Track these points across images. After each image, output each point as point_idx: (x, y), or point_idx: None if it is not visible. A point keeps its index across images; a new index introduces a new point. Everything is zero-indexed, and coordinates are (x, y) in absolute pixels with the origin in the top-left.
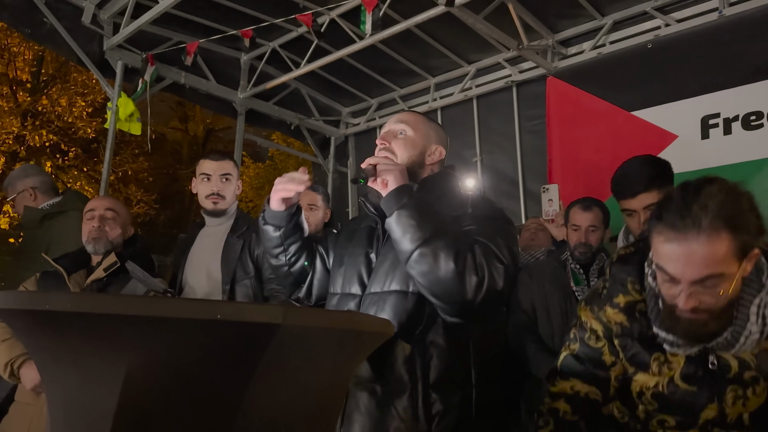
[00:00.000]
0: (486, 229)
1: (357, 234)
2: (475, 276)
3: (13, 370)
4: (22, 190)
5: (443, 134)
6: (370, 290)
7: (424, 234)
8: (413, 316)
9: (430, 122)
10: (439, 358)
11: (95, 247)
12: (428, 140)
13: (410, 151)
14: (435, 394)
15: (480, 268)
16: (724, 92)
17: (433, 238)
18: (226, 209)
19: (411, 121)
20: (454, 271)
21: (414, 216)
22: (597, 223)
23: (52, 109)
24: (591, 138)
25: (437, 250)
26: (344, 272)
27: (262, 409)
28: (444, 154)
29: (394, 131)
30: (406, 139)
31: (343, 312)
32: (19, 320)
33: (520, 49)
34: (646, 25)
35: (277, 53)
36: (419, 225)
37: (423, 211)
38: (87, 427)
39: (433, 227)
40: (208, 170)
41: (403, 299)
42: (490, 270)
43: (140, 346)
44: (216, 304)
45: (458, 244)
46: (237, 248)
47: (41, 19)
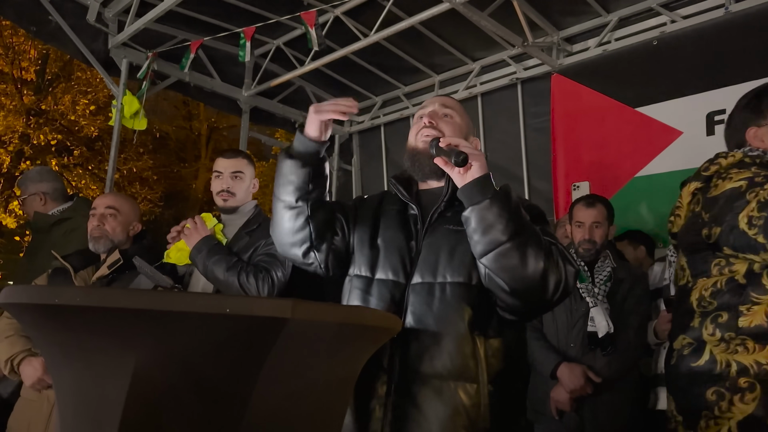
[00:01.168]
0: (549, 230)
1: (387, 217)
2: (556, 276)
3: (13, 366)
4: (34, 193)
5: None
6: (421, 279)
7: (516, 228)
8: (477, 310)
9: (466, 112)
10: (495, 355)
11: (95, 246)
12: (470, 129)
13: (458, 135)
14: (495, 388)
15: (559, 270)
16: (730, 88)
17: (524, 234)
18: (237, 207)
19: (456, 106)
20: (543, 270)
21: (504, 208)
22: (601, 219)
23: (57, 108)
24: (595, 135)
25: (527, 246)
26: (382, 257)
27: (270, 402)
28: (480, 146)
29: (438, 113)
30: (453, 122)
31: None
32: (27, 315)
33: (525, 46)
34: (652, 22)
35: (282, 51)
36: (511, 217)
37: (512, 205)
38: (96, 421)
39: (521, 222)
40: (220, 168)
41: (465, 291)
42: (566, 272)
43: (149, 340)
44: (225, 299)
45: (544, 242)
46: (242, 243)
47: (46, 18)
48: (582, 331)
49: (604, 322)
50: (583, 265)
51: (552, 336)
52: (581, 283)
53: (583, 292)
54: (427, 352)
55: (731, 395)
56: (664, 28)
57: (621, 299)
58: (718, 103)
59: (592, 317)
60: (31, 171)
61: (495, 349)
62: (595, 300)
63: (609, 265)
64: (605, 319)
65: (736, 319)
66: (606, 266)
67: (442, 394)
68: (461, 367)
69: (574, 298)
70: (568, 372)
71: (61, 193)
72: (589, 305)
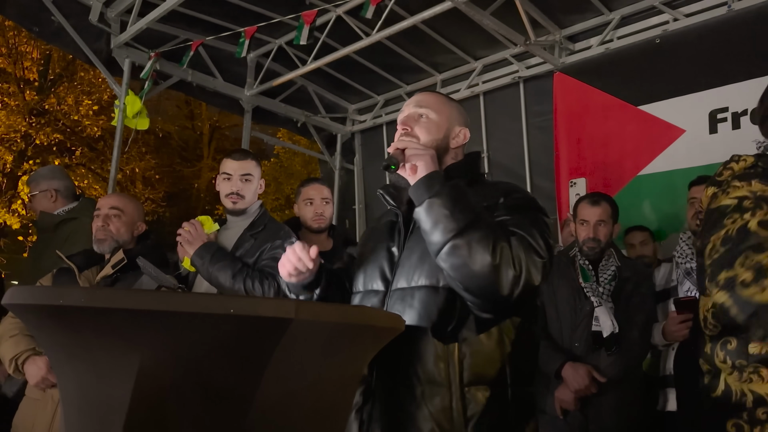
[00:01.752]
0: (522, 220)
1: (377, 230)
2: (512, 270)
3: (18, 365)
4: (45, 189)
5: (465, 114)
6: (396, 286)
7: (458, 224)
8: (444, 312)
9: (451, 102)
10: (473, 356)
11: (100, 247)
12: (452, 122)
13: (434, 134)
14: (470, 393)
15: (517, 262)
16: (732, 86)
17: (468, 229)
18: (245, 209)
19: (432, 102)
20: (490, 265)
21: (447, 205)
22: (605, 217)
23: (59, 108)
24: (598, 133)
25: (472, 241)
26: (365, 269)
27: (274, 402)
28: (468, 136)
29: (414, 115)
30: (429, 123)
31: (355, 306)
32: (32, 315)
33: (527, 45)
34: (654, 20)
35: (284, 50)
36: (452, 214)
37: (457, 200)
38: (100, 421)
39: (468, 217)
40: (229, 170)
41: (433, 294)
42: (527, 264)
43: (153, 340)
44: (229, 299)
45: (495, 235)
46: (247, 245)
47: (49, 18)
48: (586, 331)
49: (608, 321)
50: (587, 264)
51: (556, 335)
52: (585, 282)
53: (588, 292)
54: (401, 358)
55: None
56: (666, 27)
57: (626, 298)
58: (720, 101)
59: (597, 317)
60: (43, 168)
61: (474, 352)
62: (599, 299)
63: (613, 264)
64: (610, 319)
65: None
66: (610, 265)
67: (414, 399)
68: (431, 371)
69: (578, 298)
70: (573, 372)
71: (71, 192)
72: (593, 304)
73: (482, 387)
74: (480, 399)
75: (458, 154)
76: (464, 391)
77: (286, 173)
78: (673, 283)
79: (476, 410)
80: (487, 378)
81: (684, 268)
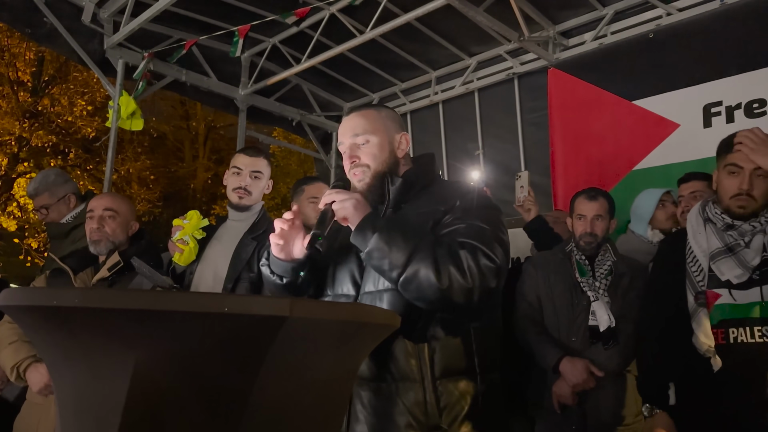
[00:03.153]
0: (473, 226)
1: (344, 232)
2: (464, 283)
3: (19, 373)
4: (64, 195)
5: (398, 118)
6: (365, 290)
7: (398, 261)
8: (411, 313)
9: (381, 112)
10: (442, 350)
11: (96, 249)
12: (391, 135)
13: (381, 156)
14: (442, 386)
15: (469, 275)
16: (726, 80)
17: (411, 262)
18: (250, 206)
19: (367, 124)
20: (440, 289)
21: (383, 248)
22: (603, 212)
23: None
24: (593, 128)
25: (418, 273)
26: (335, 273)
27: (270, 400)
28: (409, 140)
29: (356, 143)
30: (372, 147)
31: (350, 304)
32: (27, 317)
33: (521, 41)
34: (648, 15)
35: (278, 49)
36: (391, 255)
37: (392, 239)
38: (96, 421)
39: (407, 250)
40: (241, 165)
41: (399, 296)
42: (480, 272)
43: (148, 340)
44: (223, 298)
45: (438, 257)
46: (249, 249)
47: (41, 19)
48: (584, 325)
49: (605, 316)
50: (584, 259)
51: (554, 330)
52: (582, 277)
53: (585, 287)
54: (374, 359)
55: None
56: (659, 21)
57: (622, 293)
58: (714, 95)
59: (593, 311)
60: (47, 175)
61: (443, 347)
62: (596, 294)
63: (609, 259)
64: (606, 313)
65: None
66: (606, 260)
67: (389, 395)
68: (403, 369)
69: (575, 293)
70: (571, 366)
71: (80, 192)
72: (590, 299)
73: (453, 378)
74: (452, 389)
75: (406, 158)
76: (436, 384)
77: (282, 172)
78: None
79: (449, 400)
80: (457, 369)
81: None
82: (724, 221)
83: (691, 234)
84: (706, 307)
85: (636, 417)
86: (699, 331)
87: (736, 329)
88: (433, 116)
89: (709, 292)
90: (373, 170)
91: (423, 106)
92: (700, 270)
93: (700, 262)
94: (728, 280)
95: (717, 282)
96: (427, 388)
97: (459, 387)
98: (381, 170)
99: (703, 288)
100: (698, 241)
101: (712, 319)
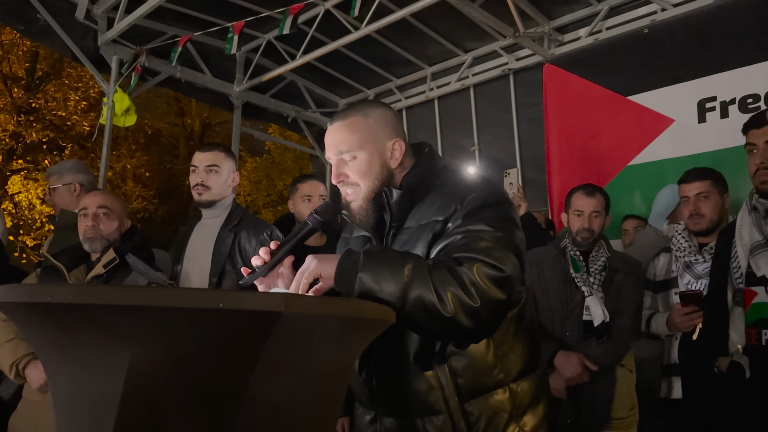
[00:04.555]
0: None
1: (350, 244)
2: (470, 303)
3: (19, 370)
4: (69, 182)
5: (390, 116)
6: None
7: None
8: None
9: (368, 117)
10: (465, 371)
11: (92, 246)
12: (379, 144)
13: (371, 172)
14: (472, 406)
15: (475, 293)
16: (721, 75)
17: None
18: (213, 201)
19: (351, 139)
20: (445, 317)
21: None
22: (600, 209)
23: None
24: (588, 124)
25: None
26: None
27: (266, 396)
28: (404, 144)
29: (343, 161)
30: (360, 164)
31: (344, 299)
32: (21, 314)
33: (517, 37)
34: (642, 10)
35: (273, 45)
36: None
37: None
38: (92, 418)
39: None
40: (196, 162)
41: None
42: (486, 289)
43: (143, 336)
44: (218, 294)
45: (436, 281)
46: (228, 242)
47: (35, 16)
48: (578, 320)
49: (599, 311)
50: (579, 255)
51: (548, 324)
52: (576, 273)
53: (579, 282)
54: (394, 392)
55: None
56: (654, 17)
57: (616, 288)
58: (709, 91)
59: (588, 306)
60: (68, 162)
61: (464, 367)
62: (590, 289)
63: (603, 255)
64: (601, 309)
65: None
66: (600, 255)
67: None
68: (423, 401)
69: (569, 288)
70: (565, 360)
71: (93, 188)
72: (584, 294)
73: (481, 397)
74: (481, 408)
75: (404, 163)
76: (464, 407)
77: (277, 169)
78: (673, 275)
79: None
80: (484, 386)
81: (683, 261)
82: (764, 206)
83: (738, 226)
84: (742, 305)
85: (630, 411)
86: (732, 330)
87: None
88: (428, 112)
89: (747, 290)
90: (364, 190)
91: (418, 102)
92: (738, 266)
93: (740, 257)
94: (763, 276)
95: (754, 279)
96: (454, 415)
97: (487, 402)
98: (374, 188)
99: (740, 285)
100: (741, 234)
101: (748, 318)
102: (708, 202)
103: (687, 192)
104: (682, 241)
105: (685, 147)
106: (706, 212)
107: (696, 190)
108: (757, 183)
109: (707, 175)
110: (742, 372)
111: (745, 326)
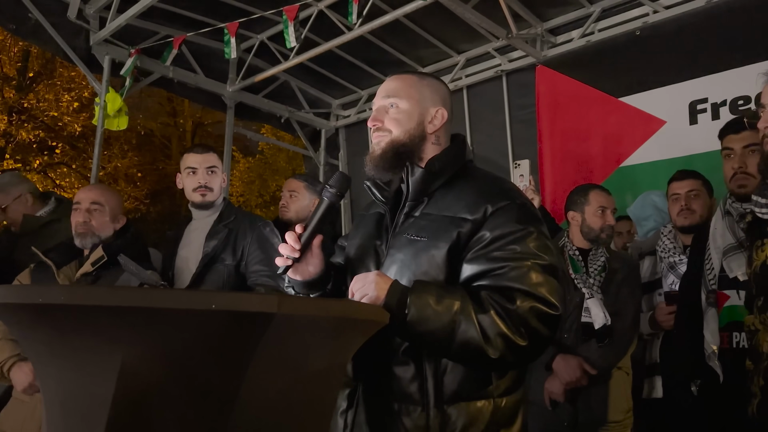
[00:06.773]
0: (518, 258)
1: (364, 221)
2: (519, 344)
3: (3, 372)
4: (18, 195)
5: (443, 90)
6: None
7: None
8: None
9: (423, 80)
10: (454, 371)
11: (82, 242)
12: (424, 104)
13: (406, 125)
14: (452, 409)
15: (527, 331)
16: (712, 77)
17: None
18: (213, 201)
19: (400, 88)
20: (492, 359)
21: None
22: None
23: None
24: (580, 125)
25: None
26: (352, 270)
27: (259, 397)
28: (446, 116)
29: (384, 107)
30: (399, 113)
31: (337, 300)
32: (12, 314)
33: (510, 38)
34: (635, 12)
35: (266, 45)
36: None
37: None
38: (83, 419)
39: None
40: (194, 163)
41: None
42: (537, 325)
43: (135, 337)
44: (211, 295)
45: (482, 322)
46: (221, 236)
47: (26, 15)
48: (576, 322)
49: (601, 314)
50: (578, 255)
51: None
52: (575, 273)
53: (578, 283)
54: (380, 371)
55: None
56: (646, 19)
57: (615, 289)
58: (700, 92)
59: (587, 308)
60: (2, 177)
61: (451, 369)
62: (590, 291)
63: (603, 255)
64: (602, 311)
65: None
66: (600, 256)
67: (391, 412)
68: (404, 388)
69: (567, 289)
70: (564, 363)
71: (40, 193)
72: (584, 296)
73: (463, 404)
74: (459, 413)
75: (440, 137)
76: (443, 408)
77: (270, 170)
78: (657, 276)
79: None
80: (469, 393)
81: (667, 262)
82: (737, 210)
83: (712, 229)
84: (715, 307)
85: (627, 413)
86: (707, 332)
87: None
88: None
89: (720, 293)
90: (393, 137)
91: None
92: (711, 268)
93: (713, 259)
94: (735, 278)
95: (726, 281)
96: (431, 412)
97: (475, 410)
98: (402, 140)
99: (713, 287)
100: (715, 237)
101: (721, 320)
102: (698, 199)
103: (678, 189)
104: (667, 242)
105: (676, 148)
106: (696, 208)
107: (687, 188)
108: (734, 187)
109: (698, 176)
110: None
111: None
